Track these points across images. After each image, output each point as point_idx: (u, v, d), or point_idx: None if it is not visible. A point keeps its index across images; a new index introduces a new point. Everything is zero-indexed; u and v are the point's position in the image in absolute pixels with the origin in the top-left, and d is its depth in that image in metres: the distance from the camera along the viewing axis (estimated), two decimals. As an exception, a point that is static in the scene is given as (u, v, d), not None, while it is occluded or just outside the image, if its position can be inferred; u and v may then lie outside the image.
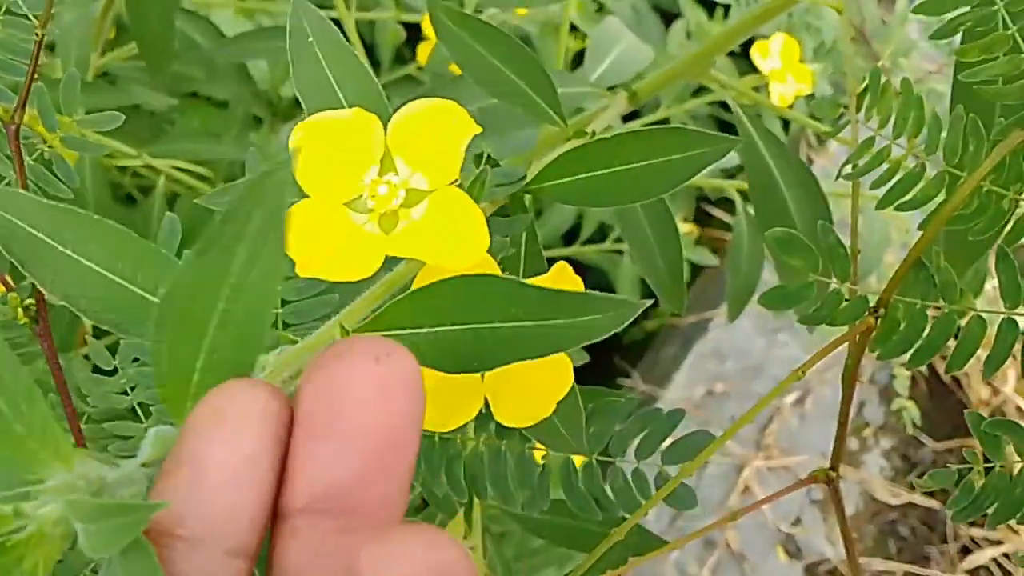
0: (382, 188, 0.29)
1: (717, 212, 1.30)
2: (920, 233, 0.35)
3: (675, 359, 1.27)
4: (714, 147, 0.35)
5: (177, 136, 0.72)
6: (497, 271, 0.32)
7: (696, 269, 1.21)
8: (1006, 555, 1.23)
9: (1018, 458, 0.34)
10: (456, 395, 0.33)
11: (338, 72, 0.34)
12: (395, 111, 0.31)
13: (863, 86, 0.40)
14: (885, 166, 0.39)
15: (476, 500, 0.48)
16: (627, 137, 0.36)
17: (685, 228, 1.03)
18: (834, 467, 0.43)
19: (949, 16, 0.36)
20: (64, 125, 0.57)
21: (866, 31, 1.05)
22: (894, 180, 0.38)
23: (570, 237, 1.12)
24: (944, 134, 0.37)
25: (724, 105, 1.16)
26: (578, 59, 0.94)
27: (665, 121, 1.03)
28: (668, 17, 1.23)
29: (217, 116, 0.91)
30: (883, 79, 0.40)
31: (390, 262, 0.30)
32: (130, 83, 0.78)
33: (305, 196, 0.29)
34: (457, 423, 0.34)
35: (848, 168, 0.40)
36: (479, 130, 0.29)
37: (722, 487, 1.19)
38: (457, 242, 0.29)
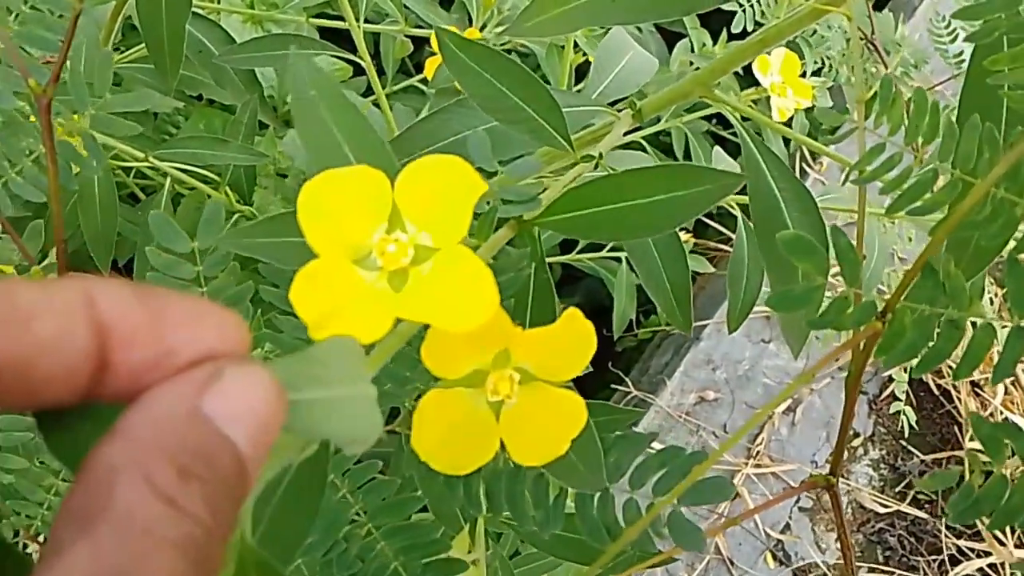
0: (391, 247, 0.29)
1: (713, 222, 1.31)
2: (929, 240, 0.35)
3: (667, 367, 1.28)
4: (720, 183, 0.36)
5: (183, 139, 0.72)
6: (507, 319, 0.32)
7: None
8: (992, 567, 1.24)
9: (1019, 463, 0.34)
10: (472, 438, 0.33)
11: (343, 128, 0.33)
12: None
13: (871, 93, 0.40)
14: (895, 172, 0.38)
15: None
16: (635, 174, 0.36)
17: (682, 237, 1.04)
18: (833, 472, 0.43)
19: (984, 20, 0.36)
20: (78, 120, 0.58)
21: (877, 42, 1.06)
22: (904, 186, 0.37)
23: (567, 244, 1.13)
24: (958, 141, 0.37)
25: (720, 119, 1.17)
26: (582, 69, 0.95)
27: (664, 133, 1.04)
28: (671, 39, 1.23)
29: (223, 120, 0.91)
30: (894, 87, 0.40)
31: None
32: (137, 85, 0.79)
33: (313, 256, 0.29)
34: (474, 466, 0.34)
35: (855, 174, 0.39)
36: (486, 188, 0.29)
37: (713, 494, 1.20)
38: (465, 304, 0.28)
